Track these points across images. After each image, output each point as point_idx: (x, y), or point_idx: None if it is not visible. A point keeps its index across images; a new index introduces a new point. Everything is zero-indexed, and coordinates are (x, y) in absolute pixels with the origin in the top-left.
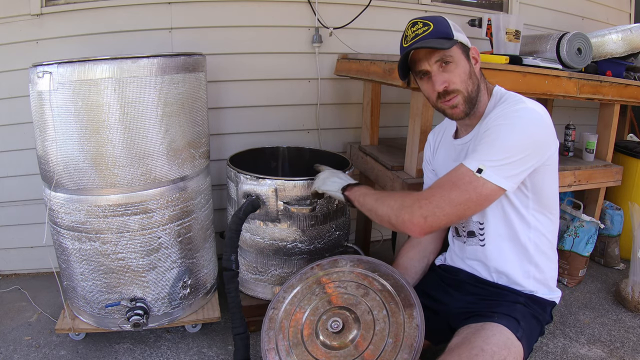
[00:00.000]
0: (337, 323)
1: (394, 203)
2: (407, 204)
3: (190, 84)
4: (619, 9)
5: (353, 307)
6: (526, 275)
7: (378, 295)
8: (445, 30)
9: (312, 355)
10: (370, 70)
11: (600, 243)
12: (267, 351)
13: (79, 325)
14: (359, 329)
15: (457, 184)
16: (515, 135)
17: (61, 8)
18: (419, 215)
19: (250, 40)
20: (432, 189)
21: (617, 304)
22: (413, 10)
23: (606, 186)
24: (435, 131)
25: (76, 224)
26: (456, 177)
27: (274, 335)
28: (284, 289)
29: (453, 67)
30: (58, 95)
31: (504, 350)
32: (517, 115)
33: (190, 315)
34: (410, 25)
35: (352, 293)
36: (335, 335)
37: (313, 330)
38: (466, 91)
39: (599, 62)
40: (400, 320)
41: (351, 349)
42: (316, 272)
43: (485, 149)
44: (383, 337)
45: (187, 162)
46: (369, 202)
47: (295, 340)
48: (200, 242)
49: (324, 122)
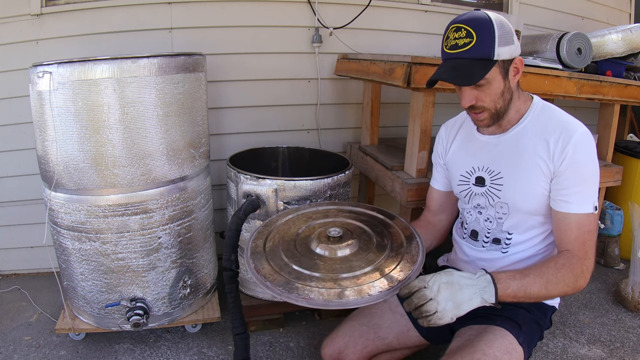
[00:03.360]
0: (336, 231)
1: (567, 280)
2: (577, 272)
3: (190, 84)
4: (619, 9)
5: (352, 228)
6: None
7: (377, 222)
8: (488, 47)
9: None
10: (370, 70)
11: (600, 243)
12: (250, 256)
13: (79, 325)
14: (359, 241)
15: (593, 229)
16: (595, 165)
17: (61, 8)
18: (589, 274)
19: (250, 40)
20: (581, 246)
21: (617, 304)
22: (413, 10)
23: (606, 186)
24: (449, 125)
25: (76, 224)
26: (588, 226)
27: (262, 241)
28: (277, 215)
29: (486, 87)
30: (58, 95)
31: (506, 355)
32: (586, 143)
33: (190, 315)
34: (454, 29)
35: (351, 220)
36: (334, 241)
37: (309, 240)
38: (494, 109)
39: (599, 62)
40: (401, 240)
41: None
42: (309, 208)
43: (586, 188)
44: (384, 247)
45: (187, 162)
46: (532, 292)
47: (288, 246)
48: (200, 242)
49: (324, 122)
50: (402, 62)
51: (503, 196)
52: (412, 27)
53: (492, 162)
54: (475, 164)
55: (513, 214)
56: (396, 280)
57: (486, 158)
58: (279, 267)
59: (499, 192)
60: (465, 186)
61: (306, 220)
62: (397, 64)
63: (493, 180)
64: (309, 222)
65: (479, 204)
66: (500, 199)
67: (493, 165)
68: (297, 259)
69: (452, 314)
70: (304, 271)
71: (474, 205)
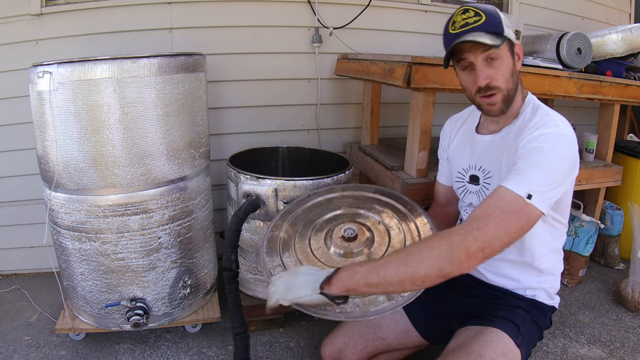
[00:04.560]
0: (351, 230)
1: (436, 251)
2: (457, 241)
3: (190, 84)
4: (619, 9)
5: (363, 219)
6: (531, 281)
7: (384, 208)
8: (497, 24)
9: (326, 264)
10: (370, 70)
11: (600, 243)
12: (272, 269)
13: (79, 325)
14: (374, 237)
15: (510, 211)
16: (558, 160)
17: (61, 8)
18: (475, 248)
19: (250, 40)
20: (481, 218)
21: (617, 304)
22: (413, 10)
23: (606, 186)
24: (453, 119)
25: (76, 224)
26: (507, 204)
27: (278, 254)
28: (281, 215)
29: (499, 63)
30: (58, 95)
31: (502, 357)
32: (558, 139)
33: (190, 315)
34: (460, 12)
35: (358, 208)
36: (348, 241)
37: (322, 243)
38: (506, 89)
39: (599, 62)
40: (413, 226)
41: (369, 254)
42: (313, 198)
43: (530, 172)
44: (400, 242)
45: (187, 162)
46: (388, 273)
47: (303, 255)
48: (200, 242)
49: (324, 122)
50: (402, 62)
51: None
52: (412, 27)
53: (485, 161)
54: (471, 162)
55: None
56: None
57: (480, 157)
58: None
59: (489, 190)
60: (461, 183)
61: (319, 215)
62: (397, 64)
63: (485, 179)
64: (322, 217)
65: (471, 203)
66: None
67: (485, 164)
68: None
69: (279, 296)
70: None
71: (467, 203)
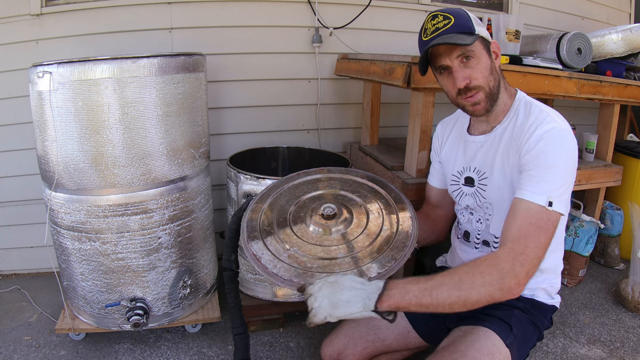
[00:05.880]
0: (330, 209)
1: (488, 277)
2: (507, 269)
3: (190, 84)
4: (619, 9)
5: (345, 201)
6: (530, 280)
7: (369, 194)
8: (467, 24)
9: (302, 238)
10: (370, 70)
11: (600, 243)
12: (248, 239)
13: (79, 325)
14: (352, 217)
15: (541, 225)
16: (567, 159)
17: (61, 8)
18: (523, 274)
19: (250, 40)
20: (520, 240)
21: (617, 304)
22: (413, 10)
23: (606, 186)
24: (445, 122)
25: (76, 224)
26: (536, 219)
27: (257, 223)
28: (268, 188)
29: (475, 62)
30: (58, 95)
31: (487, 357)
32: (561, 136)
33: (190, 315)
34: (430, 18)
35: (343, 190)
36: (327, 219)
37: (302, 215)
38: (488, 87)
39: (599, 62)
40: (394, 213)
41: (344, 234)
42: (303, 177)
43: (545, 178)
44: (378, 225)
45: (187, 162)
46: (441, 295)
47: (281, 222)
48: (200, 242)
49: (324, 122)
50: (402, 62)
51: (487, 196)
52: (412, 27)
53: (479, 162)
54: (465, 164)
55: (497, 215)
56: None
57: (474, 158)
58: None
59: (484, 192)
60: (456, 186)
61: (298, 196)
62: (397, 64)
63: (480, 181)
64: (300, 198)
65: (468, 205)
66: (486, 200)
67: (480, 166)
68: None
69: (326, 313)
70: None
71: (464, 205)
